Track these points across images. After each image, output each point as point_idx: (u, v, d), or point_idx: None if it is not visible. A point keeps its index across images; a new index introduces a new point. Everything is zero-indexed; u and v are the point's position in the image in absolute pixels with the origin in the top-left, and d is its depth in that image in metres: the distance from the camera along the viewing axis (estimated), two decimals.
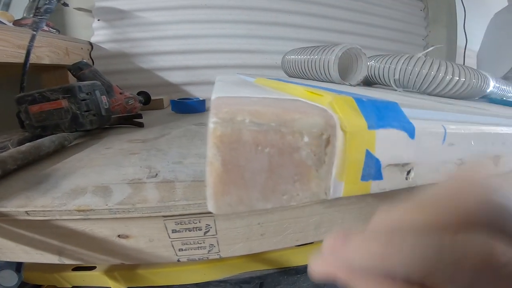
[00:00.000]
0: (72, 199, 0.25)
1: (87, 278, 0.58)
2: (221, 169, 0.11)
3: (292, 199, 0.13)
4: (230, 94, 0.16)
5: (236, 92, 0.18)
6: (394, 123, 0.16)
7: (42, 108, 0.50)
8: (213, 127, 0.11)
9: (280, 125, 0.12)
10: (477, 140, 0.20)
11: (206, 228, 0.27)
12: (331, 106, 0.14)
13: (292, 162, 0.12)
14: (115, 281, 0.57)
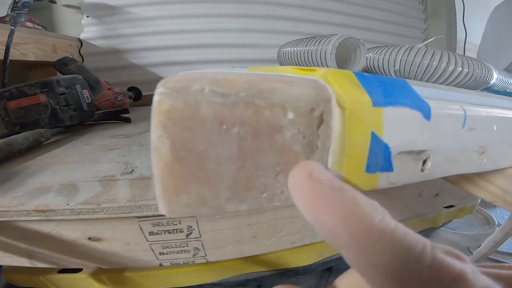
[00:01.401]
0: (32, 199, 0.22)
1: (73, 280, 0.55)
2: (171, 157, 0.08)
3: (275, 197, 0.10)
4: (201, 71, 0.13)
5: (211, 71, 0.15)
6: (405, 100, 0.12)
7: (20, 104, 0.46)
8: (158, 99, 0.08)
9: (254, 95, 0.09)
10: (500, 125, 0.17)
11: (188, 230, 0.24)
12: (324, 78, 0.11)
13: (272, 147, 0.09)
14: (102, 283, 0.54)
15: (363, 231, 0.08)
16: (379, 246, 0.08)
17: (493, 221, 0.91)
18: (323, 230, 0.09)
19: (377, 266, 0.08)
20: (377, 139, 0.11)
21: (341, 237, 0.08)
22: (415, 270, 0.08)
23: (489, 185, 0.21)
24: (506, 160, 0.19)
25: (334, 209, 0.09)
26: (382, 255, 0.08)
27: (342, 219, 0.08)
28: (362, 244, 0.08)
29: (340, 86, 0.11)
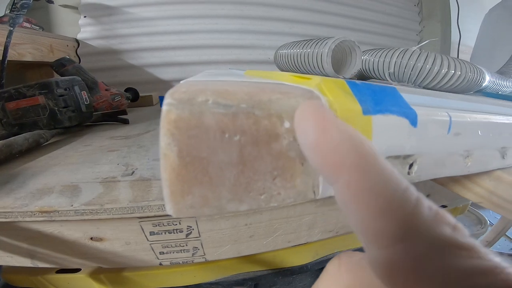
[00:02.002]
0: (35, 200, 0.22)
1: (72, 281, 0.55)
2: (178, 162, 0.09)
3: (272, 199, 0.10)
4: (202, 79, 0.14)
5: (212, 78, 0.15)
6: (393, 108, 0.13)
7: (19, 105, 0.47)
8: (166, 109, 0.09)
9: (253, 106, 0.09)
10: (484, 130, 0.18)
11: (188, 230, 0.25)
12: (318, 87, 0.12)
13: (270, 154, 0.10)
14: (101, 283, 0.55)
15: (368, 151, 0.08)
16: (383, 169, 0.08)
17: (485, 221, 0.93)
18: (326, 146, 0.08)
19: (379, 192, 0.08)
20: None
21: (345, 152, 0.08)
22: (417, 205, 0.08)
23: (476, 187, 0.22)
24: (492, 163, 0.20)
25: (343, 126, 0.09)
26: (385, 178, 0.08)
27: (349, 135, 0.08)
28: (366, 161, 0.08)
29: (332, 95, 0.12)
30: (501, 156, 0.19)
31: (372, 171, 0.08)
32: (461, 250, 0.07)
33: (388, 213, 0.07)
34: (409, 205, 0.08)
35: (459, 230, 0.08)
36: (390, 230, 0.07)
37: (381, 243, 0.08)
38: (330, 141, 0.08)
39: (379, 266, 0.08)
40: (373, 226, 0.08)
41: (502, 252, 1.11)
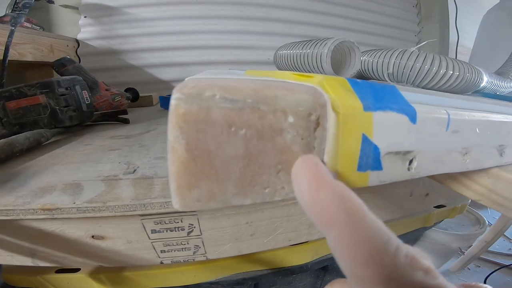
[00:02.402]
0: (37, 198, 0.22)
1: (71, 280, 0.55)
2: (186, 155, 0.09)
3: (276, 193, 0.11)
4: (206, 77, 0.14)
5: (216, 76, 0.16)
6: (393, 105, 0.14)
7: (20, 104, 0.47)
8: (175, 103, 0.09)
9: (259, 102, 0.10)
10: (482, 128, 0.18)
11: (189, 228, 0.25)
12: (320, 85, 0.12)
13: (274, 148, 0.10)
14: (100, 283, 0.55)
15: (356, 209, 0.09)
16: (369, 224, 0.09)
17: (483, 221, 0.94)
18: (319, 205, 0.10)
19: (364, 245, 0.09)
20: (368, 140, 0.12)
21: (336, 211, 0.09)
22: (395, 255, 0.09)
23: (475, 184, 0.22)
24: (490, 161, 0.20)
25: (334, 187, 0.10)
26: (369, 233, 0.09)
27: (339, 195, 0.10)
28: (354, 219, 0.09)
29: (334, 92, 0.12)
30: (499, 154, 0.20)
31: (359, 227, 0.09)
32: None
33: (370, 262, 0.09)
34: (389, 255, 0.09)
35: (430, 274, 0.09)
36: (371, 276, 0.09)
37: (365, 286, 0.09)
38: (323, 201, 0.10)
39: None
40: (357, 272, 0.09)
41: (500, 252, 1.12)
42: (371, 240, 0.09)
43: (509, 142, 0.20)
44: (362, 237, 0.09)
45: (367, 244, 0.09)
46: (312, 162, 0.11)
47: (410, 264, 0.09)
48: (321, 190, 0.10)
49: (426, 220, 0.52)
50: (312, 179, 0.10)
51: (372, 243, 0.09)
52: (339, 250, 0.09)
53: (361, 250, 0.09)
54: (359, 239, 0.09)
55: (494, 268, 1.01)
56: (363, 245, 0.09)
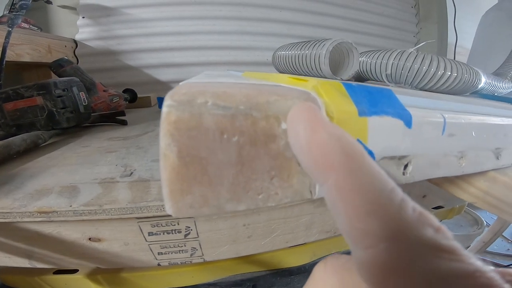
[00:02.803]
0: (34, 200, 0.22)
1: (69, 281, 0.55)
2: (178, 162, 0.09)
3: (270, 198, 0.11)
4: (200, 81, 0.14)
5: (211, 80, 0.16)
6: (388, 110, 0.14)
7: (17, 106, 0.47)
8: (166, 111, 0.09)
9: (251, 108, 0.10)
10: (478, 131, 0.18)
11: (186, 230, 0.25)
12: (315, 89, 0.12)
13: (267, 154, 0.10)
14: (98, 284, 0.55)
15: (355, 151, 0.09)
16: (370, 169, 0.08)
17: (481, 222, 0.94)
18: (315, 146, 0.09)
19: (365, 192, 0.08)
20: (362, 146, 0.12)
21: (333, 153, 0.08)
22: (401, 206, 0.08)
23: (471, 187, 0.22)
24: (486, 164, 0.20)
25: (331, 128, 0.09)
26: (371, 179, 0.08)
27: (337, 136, 0.09)
28: (353, 162, 0.08)
29: (329, 97, 0.12)
30: (495, 157, 0.20)
31: (359, 171, 0.08)
32: (442, 252, 0.07)
33: (373, 213, 0.08)
34: (394, 205, 0.08)
35: (441, 232, 0.08)
36: (375, 230, 0.08)
37: (366, 243, 0.08)
38: (320, 142, 0.09)
39: (363, 266, 0.08)
40: (358, 226, 0.08)
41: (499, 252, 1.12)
42: (373, 187, 0.08)
43: (506, 145, 0.20)
44: (363, 182, 0.08)
45: (369, 191, 0.08)
46: (309, 106, 0.10)
47: (418, 219, 0.08)
48: (318, 130, 0.09)
49: None
50: (309, 121, 0.09)
51: (375, 191, 0.08)
52: (336, 201, 0.08)
53: (362, 198, 0.08)
54: (360, 185, 0.08)
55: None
56: (364, 192, 0.08)
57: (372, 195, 0.08)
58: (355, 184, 0.08)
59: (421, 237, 0.07)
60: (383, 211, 0.08)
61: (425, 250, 0.07)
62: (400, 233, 0.07)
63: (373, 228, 0.08)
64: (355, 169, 0.08)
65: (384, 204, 0.08)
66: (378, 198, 0.08)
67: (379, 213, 0.08)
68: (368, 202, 0.08)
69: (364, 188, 0.08)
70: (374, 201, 0.08)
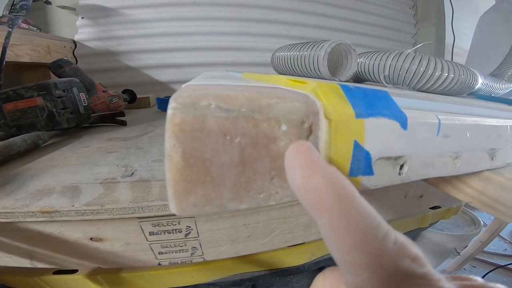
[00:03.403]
0: (36, 200, 0.23)
1: (69, 281, 0.55)
2: (182, 163, 0.09)
3: (271, 198, 0.11)
4: (203, 83, 0.14)
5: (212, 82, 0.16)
6: (385, 111, 0.14)
7: (17, 106, 0.47)
8: (171, 113, 0.09)
9: (253, 111, 0.10)
10: (473, 132, 0.18)
11: (187, 230, 0.25)
12: (314, 92, 0.12)
13: (268, 155, 0.10)
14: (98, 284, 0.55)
15: (346, 194, 0.10)
16: (359, 210, 0.09)
17: (478, 222, 0.94)
18: (311, 191, 0.10)
19: (352, 231, 0.09)
20: (359, 147, 0.13)
21: (326, 197, 0.09)
22: (384, 241, 0.09)
23: (466, 187, 0.22)
24: (481, 164, 0.21)
25: (326, 172, 0.10)
26: (358, 219, 0.09)
27: (331, 181, 0.10)
28: (343, 204, 0.09)
29: (327, 99, 0.13)
30: (490, 157, 0.20)
31: (349, 213, 0.09)
32: (416, 279, 0.09)
33: (359, 248, 0.09)
34: (377, 241, 0.09)
35: (418, 261, 0.09)
36: (360, 262, 0.09)
37: (353, 272, 0.09)
38: (314, 187, 0.10)
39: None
40: (347, 258, 0.09)
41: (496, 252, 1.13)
42: (360, 226, 0.09)
43: (500, 145, 0.21)
44: (351, 222, 0.09)
45: (355, 230, 0.09)
46: (305, 148, 0.11)
47: (398, 251, 0.09)
48: (313, 175, 0.10)
49: (422, 221, 0.53)
50: (305, 165, 0.10)
51: (362, 229, 0.09)
52: (329, 236, 0.10)
53: (349, 236, 0.09)
54: (348, 225, 0.09)
55: (490, 268, 1.01)
56: (352, 231, 0.09)
57: (359, 233, 0.09)
58: (344, 224, 0.09)
59: (398, 267, 0.09)
60: (367, 246, 0.09)
61: (402, 278, 0.09)
62: (381, 264, 0.09)
63: (359, 260, 0.09)
64: (345, 211, 0.09)
65: (369, 241, 0.09)
66: (364, 235, 0.09)
67: (364, 248, 0.09)
68: (355, 240, 0.09)
69: (352, 227, 0.09)
70: (360, 238, 0.09)
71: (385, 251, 0.09)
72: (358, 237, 0.09)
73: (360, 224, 0.09)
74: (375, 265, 0.09)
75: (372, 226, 0.09)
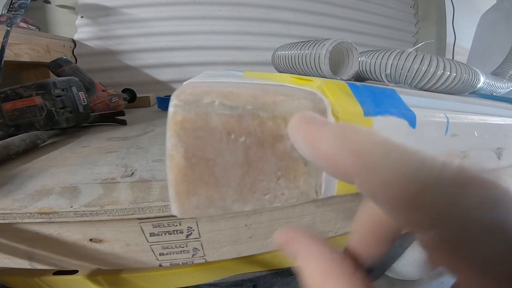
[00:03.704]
0: (34, 201, 0.22)
1: (69, 282, 0.55)
2: (184, 163, 0.09)
3: (276, 199, 0.11)
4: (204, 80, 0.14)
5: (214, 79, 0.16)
6: (392, 110, 0.14)
7: (15, 106, 0.46)
8: (172, 111, 0.09)
9: (258, 108, 0.10)
10: (481, 131, 0.18)
11: (188, 230, 0.25)
12: (320, 89, 0.12)
13: (274, 154, 0.10)
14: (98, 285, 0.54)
15: (365, 148, 0.08)
16: (384, 161, 0.07)
17: None
18: (327, 161, 0.08)
19: (388, 182, 0.07)
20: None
21: (344, 162, 0.08)
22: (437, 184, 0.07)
23: None
24: (488, 164, 0.20)
25: (331, 135, 0.08)
26: (390, 168, 0.07)
27: (343, 143, 0.08)
28: (366, 162, 0.08)
29: (334, 97, 0.12)
30: (497, 156, 0.20)
31: (376, 168, 0.07)
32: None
33: (409, 205, 0.07)
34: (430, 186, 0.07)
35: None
36: (419, 218, 0.07)
37: (415, 230, 0.07)
38: (326, 156, 0.08)
39: (425, 248, 0.08)
40: (400, 218, 0.07)
41: None
42: (397, 176, 0.07)
43: (507, 145, 0.21)
44: (384, 177, 0.07)
45: (393, 183, 0.07)
46: (302, 118, 0.09)
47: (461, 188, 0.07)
48: (320, 146, 0.08)
49: None
50: (307, 138, 0.09)
51: (401, 180, 0.07)
52: (370, 198, 0.08)
53: (389, 192, 0.07)
54: (382, 181, 0.07)
55: None
56: (389, 186, 0.07)
57: (400, 185, 0.07)
58: (377, 181, 0.07)
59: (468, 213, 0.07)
60: (420, 199, 0.07)
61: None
62: (449, 216, 0.07)
63: (416, 217, 0.07)
64: (370, 167, 0.08)
65: (419, 192, 0.07)
66: (408, 185, 0.07)
67: (415, 202, 0.07)
68: (398, 195, 0.07)
69: (387, 182, 0.07)
70: (403, 190, 0.07)
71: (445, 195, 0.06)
72: (401, 190, 0.07)
73: (396, 174, 0.07)
74: (442, 217, 0.07)
75: (413, 169, 0.07)
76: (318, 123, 0.09)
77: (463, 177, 0.07)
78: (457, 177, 0.07)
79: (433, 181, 0.07)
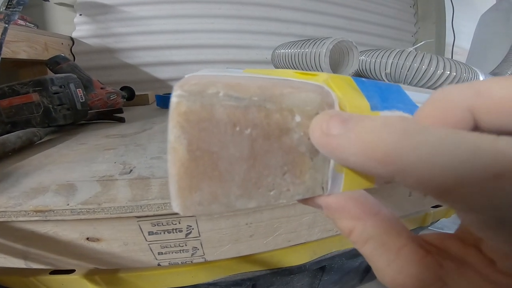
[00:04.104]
0: (29, 199, 0.22)
1: (65, 282, 0.54)
2: (187, 156, 0.08)
3: (281, 195, 0.10)
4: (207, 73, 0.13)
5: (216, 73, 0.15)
6: (399, 105, 0.13)
7: (12, 103, 0.46)
8: (176, 101, 0.08)
9: (265, 100, 0.09)
10: None
11: (188, 229, 0.25)
12: (326, 83, 0.12)
13: (281, 148, 0.10)
14: (96, 284, 0.54)
15: (382, 141, 0.07)
16: (408, 150, 0.07)
17: None
18: (353, 161, 0.08)
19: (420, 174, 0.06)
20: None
21: (367, 160, 0.07)
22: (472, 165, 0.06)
23: None
24: None
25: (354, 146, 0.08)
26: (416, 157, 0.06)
27: (363, 142, 0.08)
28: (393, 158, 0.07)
29: (341, 91, 0.12)
30: None
31: (403, 161, 0.07)
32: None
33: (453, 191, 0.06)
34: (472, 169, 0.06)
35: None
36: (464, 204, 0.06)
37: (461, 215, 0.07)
38: (353, 162, 0.08)
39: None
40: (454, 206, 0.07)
41: None
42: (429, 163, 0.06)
43: None
44: (415, 171, 0.06)
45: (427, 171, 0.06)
46: (322, 128, 0.09)
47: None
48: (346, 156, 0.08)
49: (424, 219, 0.52)
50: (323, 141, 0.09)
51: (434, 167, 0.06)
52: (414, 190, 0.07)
53: (428, 179, 0.06)
54: (417, 175, 0.06)
55: None
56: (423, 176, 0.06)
57: (437, 172, 0.06)
58: (413, 175, 0.07)
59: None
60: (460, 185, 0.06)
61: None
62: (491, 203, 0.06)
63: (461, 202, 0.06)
64: (397, 161, 0.07)
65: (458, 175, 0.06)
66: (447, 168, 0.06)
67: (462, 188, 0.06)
68: (441, 184, 0.06)
69: (419, 173, 0.07)
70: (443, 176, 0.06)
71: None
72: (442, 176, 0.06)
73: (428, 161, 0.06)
74: (482, 201, 0.06)
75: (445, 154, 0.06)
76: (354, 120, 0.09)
77: None
78: None
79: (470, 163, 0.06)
